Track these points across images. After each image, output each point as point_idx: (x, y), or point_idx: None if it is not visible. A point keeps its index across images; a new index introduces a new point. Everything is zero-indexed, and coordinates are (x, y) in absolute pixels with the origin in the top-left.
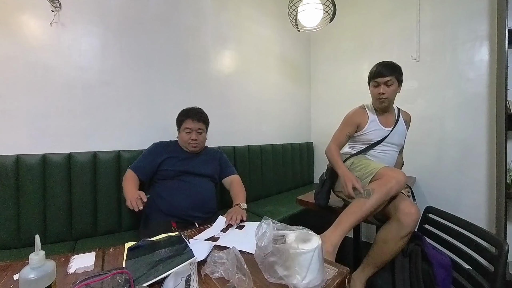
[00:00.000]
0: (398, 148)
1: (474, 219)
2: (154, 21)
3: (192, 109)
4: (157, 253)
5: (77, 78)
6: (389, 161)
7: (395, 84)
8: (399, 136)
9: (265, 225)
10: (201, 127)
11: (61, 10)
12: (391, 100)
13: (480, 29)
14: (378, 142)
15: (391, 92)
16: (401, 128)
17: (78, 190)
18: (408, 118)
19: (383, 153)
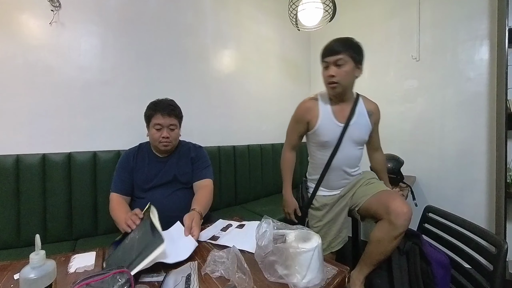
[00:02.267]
0: (361, 145)
1: (474, 219)
2: (154, 20)
3: (161, 102)
4: (130, 237)
5: (77, 78)
6: (352, 162)
7: (350, 64)
8: (360, 130)
9: (265, 225)
10: (173, 122)
11: (60, 10)
12: (346, 85)
13: (480, 28)
14: (337, 145)
15: (344, 74)
16: (363, 121)
17: (78, 189)
18: (373, 108)
19: (345, 156)
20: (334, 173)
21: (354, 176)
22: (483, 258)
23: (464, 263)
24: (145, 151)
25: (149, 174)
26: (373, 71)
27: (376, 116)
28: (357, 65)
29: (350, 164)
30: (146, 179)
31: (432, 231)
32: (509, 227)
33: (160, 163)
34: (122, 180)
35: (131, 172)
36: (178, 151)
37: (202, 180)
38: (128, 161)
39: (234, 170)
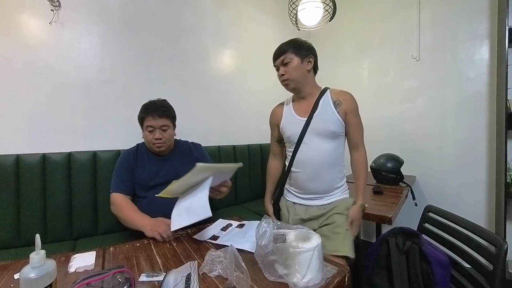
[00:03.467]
0: (330, 138)
1: (474, 218)
2: (154, 19)
3: (151, 103)
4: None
5: (77, 77)
6: (322, 157)
7: (296, 60)
8: (324, 122)
9: (265, 224)
10: (165, 123)
11: (60, 9)
12: (298, 79)
13: (481, 28)
14: (299, 139)
15: (292, 70)
16: (327, 112)
17: (78, 189)
18: (343, 97)
19: (312, 152)
20: (302, 170)
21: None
22: (483, 258)
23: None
24: (144, 151)
25: (150, 172)
26: (373, 70)
27: (347, 104)
28: (303, 59)
29: (321, 161)
30: (148, 177)
31: (432, 231)
32: (509, 226)
33: (160, 161)
34: (122, 179)
35: (132, 171)
36: (177, 149)
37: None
38: (128, 160)
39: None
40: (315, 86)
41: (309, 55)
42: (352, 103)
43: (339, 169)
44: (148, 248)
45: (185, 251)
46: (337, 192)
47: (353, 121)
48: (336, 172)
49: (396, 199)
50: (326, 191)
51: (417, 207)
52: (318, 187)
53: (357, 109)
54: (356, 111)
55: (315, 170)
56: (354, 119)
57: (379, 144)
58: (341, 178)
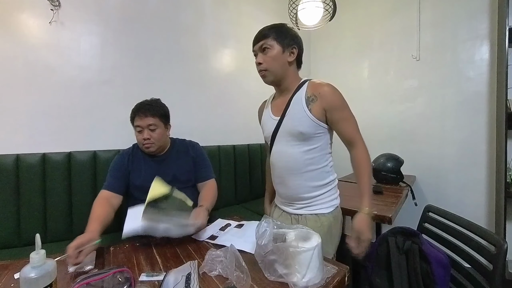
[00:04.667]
0: (300, 140)
1: (473, 218)
2: (154, 19)
3: (141, 103)
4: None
5: (77, 77)
6: (291, 163)
7: (277, 48)
8: (293, 121)
9: (265, 224)
10: (152, 122)
11: (60, 9)
12: (277, 71)
13: (481, 27)
14: (272, 140)
15: (270, 60)
16: (297, 109)
17: (78, 189)
18: (318, 91)
19: (277, 155)
20: (273, 172)
21: (293, 191)
22: (482, 258)
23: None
24: (139, 152)
25: (147, 174)
26: (373, 70)
27: (324, 100)
28: (285, 48)
29: (284, 166)
30: (145, 180)
31: (432, 231)
32: (508, 226)
33: (156, 162)
34: (114, 177)
35: (126, 174)
36: (173, 149)
37: (206, 181)
38: (122, 162)
39: (234, 169)
40: (295, 80)
41: (292, 44)
42: (331, 97)
43: (312, 176)
44: (148, 248)
45: (185, 250)
46: (308, 204)
47: (337, 116)
48: (306, 179)
49: (396, 199)
50: (293, 199)
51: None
52: (285, 193)
53: (340, 102)
54: (340, 105)
55: (279, 174)
56: (338, 114)
57: (379, 144)
58: (316, 187)
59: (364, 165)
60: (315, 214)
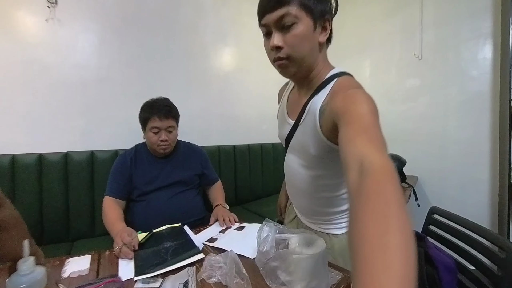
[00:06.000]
0: (311, 162)
1: (477, 219)
2: (153, 17)
3: (156, 102)
4: (164, 245)
5: (74, 76)
6: (297, 182)
7: (305, 21)
8: (304, 135)
9: (267, 228)
10: (171, 124)
11: (57, 6)
12: (305, 59)
13: (484, 26)
14: (286, 145)
15: (298, 41)
16: (310, 120)
17: (75, 190)
18: (334, 95)
19: (288, 169)
20: (289, 188)
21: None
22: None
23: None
24: (143, 153)
25: (151, 176)
26: (375, 69)
27: (333, 103)
28: (317, 22)
29: (297, 185)
30: (148, 181)
31: (437, 233)
32: None
33: (160, 163)
34: (117, 183)
35: (129, 177)
36: (179, 151)
37: (215, 184)
38: (125, 165)
39: (234, 169)
40: (323, 70)
41: (326, 14)
42: (343, 97)
43: (324, 203)
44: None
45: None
46: (320, 222)
47: (346, 118)
48: (317, 205)
49: None
50: (306, 213)
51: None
52: (296, 206)
53: (355, 102)
54: (354, 103)
55: (289, 188)
56: (347, 116)
57: None
58: (329, 213)
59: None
60: (326, 233)
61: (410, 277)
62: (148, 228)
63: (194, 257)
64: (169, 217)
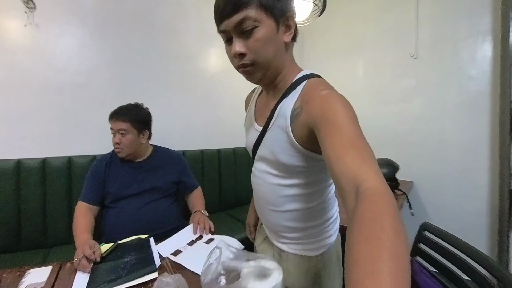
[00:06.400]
0: (280, 171)
1: (475, 227)
2: (132, 19)
3: (119, 107)
4: (124, 259)
5: (52, 81)
6: (262, 193)
7: (267, 23)
8: (274, 142)
9: (215, 254)
10: (121, 127)
11: (35, 11)
12: (271, 63)
13: (483, 22)
14: (253, 154)
15: (261, 45)
16: (280, 125)
17: (53, 195)
18: (307, 98)
19: (255, 179)
20: (256, 202)
21: (274, 227)
22: None
23: None
24: (118, 158)
25: (124, 182)
26: (368, 69)
27: (309, 108)
28: (279, 21)
29: (263, 197)
30: (120, 187)
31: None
32: None
33: (135, 169)
34: (91, 188)
35: (102, 183)
36: (156, 158)
37: (195, 191)
38: (99, 170)
39: (219, 174)
40: (291, 71)
41: (287, 11)
42: (320, 102)
43: (295, 217)
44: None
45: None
46: (291, 242)
47: (329, 128)
48: (286, 219)
49: None
50: (276, 230)
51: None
52: (264, 223)
53: (335, 110)
54: (332, 111)
55: (257, 201)
56: (329, 127)
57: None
58: (301, 229)
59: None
60: (299, 255)
61: None
62: (119, 236)
63: (147, 276)
64: (141, 226)
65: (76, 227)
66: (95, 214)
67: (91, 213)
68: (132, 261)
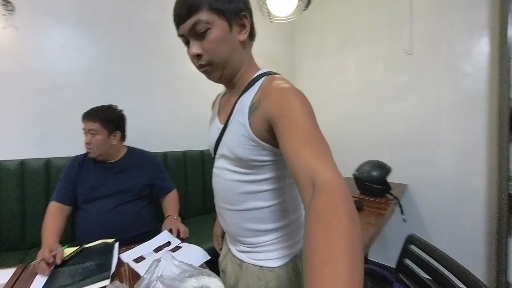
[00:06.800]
0: (239, 166)
1: (472, 233)
2: (113, 19)
3: (90, 108)
4: (84, 264)
5: (31, 82)
6: (220, 191)
7: (219, 24)
8: (232, 136)
9: (155, 265)
10: (92, 127)
11: (14, 14)
12: (227, 61)
13: (480, 16)
14: (214, 153)
15: (215, 45)
16: (238, 119)
17: (32, 197)
18: (265, 93)
19: (215, 178)
20: (216, 204)
21: (231, 228)
22: None
23: None
24: (91, 159)
25: (95, 182)
26: (360, 66)
27: (267, 103)
28: (232, 22)
29: (220, 195)
30: (90, 188)
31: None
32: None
33: (107, 170)
34: (63, 187)
35: (74, 183)
36: (129, 159)
37: (170, 194)
38: (72, 170)
39: (202, 175)
40: (249, 70)
41: (241, 11)
42: (276, 100)
43: (254, 217)
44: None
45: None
46: (250, 249)
47: (286, 123)
48: (245, 220)
49: (376, 218)
50: (232, 237)
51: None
52: (224, 227)
53: (288, 108)
54: (287, 112)
55: (217, 203)
56: (287, 122)
57: (365, 149)
58: (260, 232)
59: (331, 228)
60: (259, 266)
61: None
62: (88, 239)
63: (98, 284)
64: (110, 229)
65: (44, 230)
66: (67, 214)
67: (61, 214)
68: (91, 267)
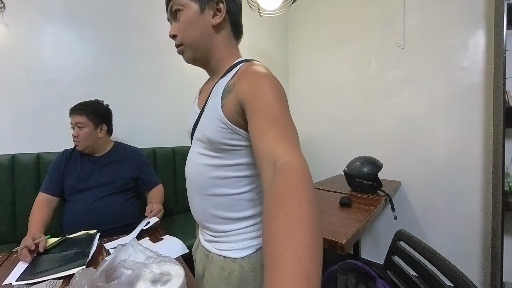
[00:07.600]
0: (211, 150)
1: (467, 230)
2: (102, 15)
3: (78, 103)
4: (65, 253)
5: (22, 78)
6: (190, 174)
7: (190, 6)
8: (206, 119)
9: (120, 249)
10: (79, 120)
11: (4, 11)
12: (196, 43)
13: (475, 7)
14: (191, 138)
15: (184, 26)
16: (213, 102)
17: (22, 191)
18: (239, 76)
19: (188, 162)
20: (187, 190)
21: (199, 214)
22: None
23: None
24: (79, 151)
25: (81, 175)
26: (352, 61)
27: (239, 86)
28: (204, 5)
29: (190, 178)
30: (76, 180)
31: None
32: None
33: (93, 163)
34: (51, 179)
35: (61, 175)
36: (115, 153)
37: (154, 188)
38: (60, 162)
39: None
40: (228, 56)
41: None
42: (247, 84)
43: (220, 203)
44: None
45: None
46: (215, 238)
47: (255, 106)
48: (212, 205)
49: (363, 214)
50: (200, 224)
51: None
52: (193, 214)
53: (259, 93)
54: (257, 96)
55: (188, 188)
56: (256, 104)
57: (358, 145)
58: (226, 220)
59: (291, 212)
60: (223, 257)
61: (318, 273)
62: (73, 229)
63: (74, 270)
64: (94, 220)
65: (31, 219)
66: (54, 206)
67: (48, 205)
68: (70, 255)
